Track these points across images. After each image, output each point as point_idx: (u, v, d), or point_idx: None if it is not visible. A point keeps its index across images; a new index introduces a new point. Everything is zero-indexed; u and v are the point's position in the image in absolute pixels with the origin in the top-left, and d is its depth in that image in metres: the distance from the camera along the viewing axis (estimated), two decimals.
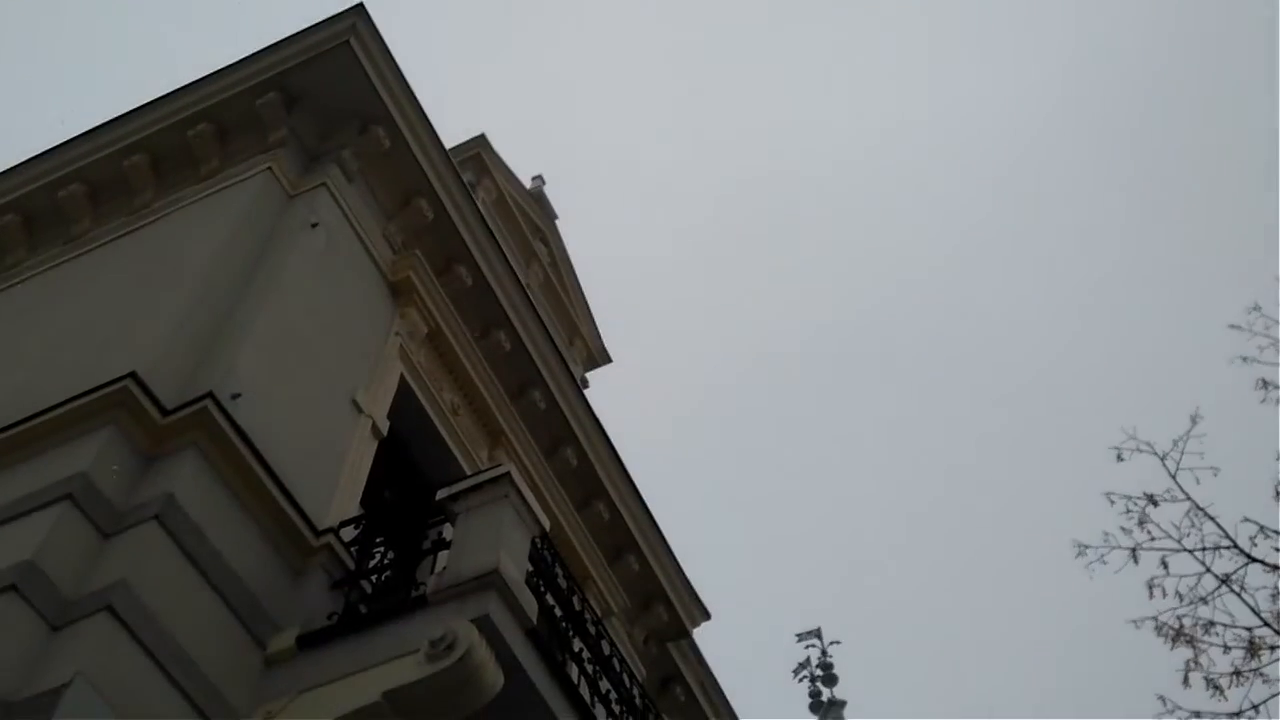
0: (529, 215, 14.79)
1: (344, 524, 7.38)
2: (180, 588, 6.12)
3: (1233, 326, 9.58)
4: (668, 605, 12.14)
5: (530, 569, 6.98)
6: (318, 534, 7.08)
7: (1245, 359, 9.47)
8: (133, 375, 6.59)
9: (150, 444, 6.58)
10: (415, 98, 9.80)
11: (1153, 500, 9.12)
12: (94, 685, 5.38)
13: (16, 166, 9.98)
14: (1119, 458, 9.42)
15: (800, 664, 32.02)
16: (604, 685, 7.65)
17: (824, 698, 31.16)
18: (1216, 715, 8.62)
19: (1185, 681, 8.74)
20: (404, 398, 9.15)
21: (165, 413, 6.63)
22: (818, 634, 32.27)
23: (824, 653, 31.96)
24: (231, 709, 6.10)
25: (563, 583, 7.65)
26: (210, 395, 6.71)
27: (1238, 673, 8.61)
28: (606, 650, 7.91)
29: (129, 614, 5.71)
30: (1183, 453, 9.08)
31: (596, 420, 11.56)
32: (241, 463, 6.75)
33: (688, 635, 12.56)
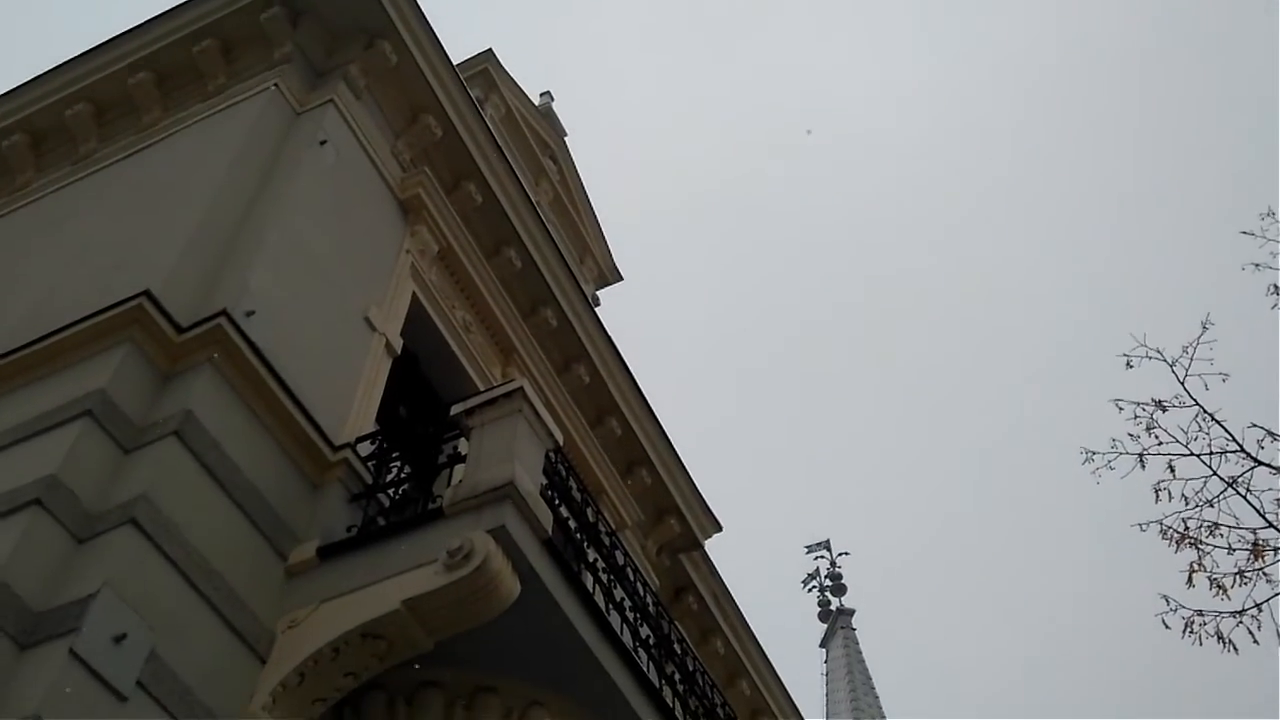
0: (538, 132, 14.68)
1: (360, 439, 7.46)
2: (201, 501, 6.22)
3: (1245, 233, 9.59)
4: (680, 518, 12.29)
5: (544, 482, 7.07)
6: (335, 449, 7.17)
7: (1257, 265, 9.50)
8: (147, 293, 6.63)
9: (166, 361, 6.65)
10: (421, 12, 9.69)
11: (1161, 406, 9.19)
12: (121, 595, 5.50)
13: (21, 86, 9.93)
14: (1128, 365, 9.47)
15: (809, 574, 32.69)
16: (618, 594, 7.80)
17: (832, 607, 31.80)
18: (1219, 613, 8.78)
19: (1189, 582, 8.88)
20: (416, 316, 9.19)
21: (180, 330, 6.68)
22: (826, 545, 32.89)
23: (832, 563, 32.60)
24: (255, 617, 6.24)
25: (577, 495, 7.76)
26: (224, 313, 6.75)
27: (1241, 573, 8.75)
28: (621, 560, 8.04)
29: (152, 527, 5.81)
30: (1192, 359, 9.12)
31: (608, 337, 11.61)
32: (257, 379, 6.81)
33: (700, 547, 12.73)
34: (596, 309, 12.73)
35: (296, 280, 7.80)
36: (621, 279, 15.77)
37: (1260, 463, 8.85)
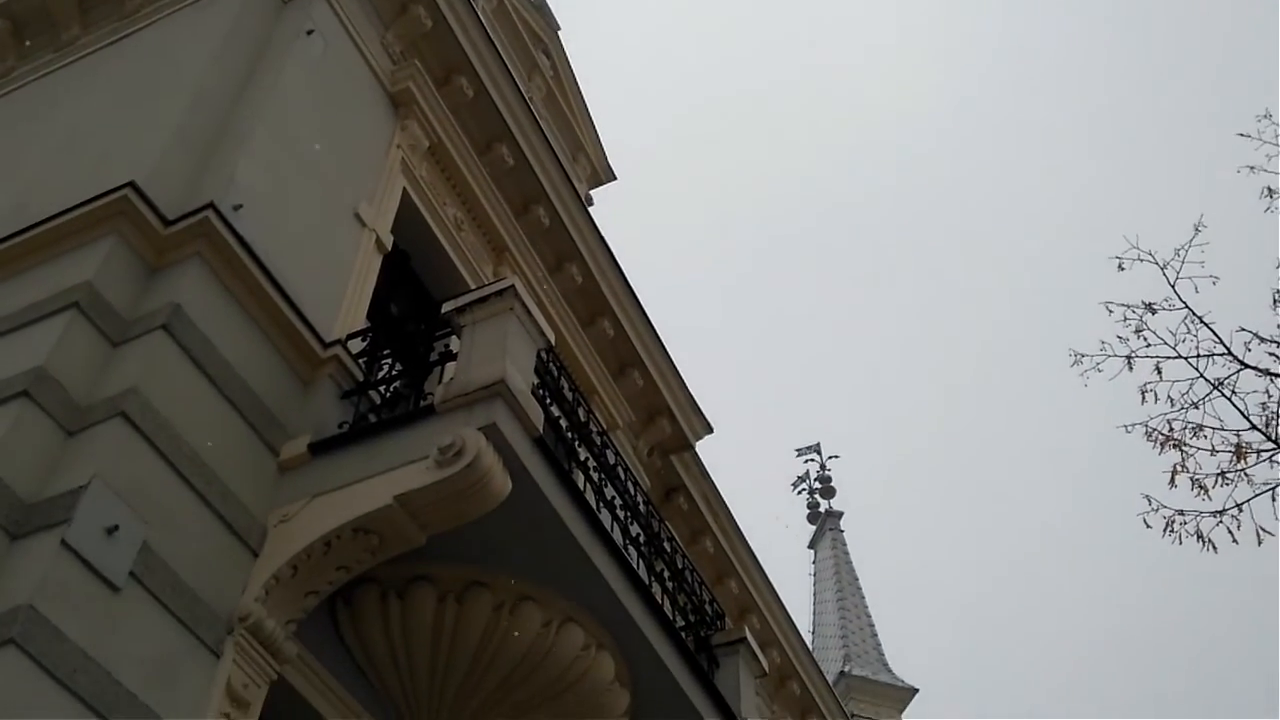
0: (530, 25, 14.37)
1: (351, 336, 7.42)
2: (191, 395, 6.19)
3: (1241, 135, 9.53)
4: (671, 419, 12.34)
5: (536, 381, 7.06)
6: (325, 345, 7.14)
7: (1252, 168, 9.46)
8: (132, 185, 6.51)
9: (153, 255, 6.56)
10: None
11: (1150, 308, 9.23)
12: (111, 487, 5.50)
13: None
14: (1120, 267, 9.49)
15: (799, 477, 33.05)
16: (609, 492, 7.86)
17: (821, 509, 32.19)
18: (1200, 513, 8.93)
19: (1172, 483, 9.02)
20: (407, 212, 9.08)
21: (167, 223, 6.58)
22: (817, 449, 33.19)
23: (822, 466, 32.93)
24: (247, 511, 6.26)
25: (568, 394, 7.76)
26: (211, 206, 6.65)
27: (1223, 474, 8.88)
28: (612, 460, 8.08)
29: (142, 420, 5.79)
30: (1183, 262, 9.14)
31: (601, 237, 11.51)
32: (246, 274, 6.74)
33: (690, 448, 12.81)
34: (589, 208, 12.61)
35: (284, 174, 7.67)
36: (615, 178, 15.59)
37: (1246, 365, 8.93)
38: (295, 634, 6.25)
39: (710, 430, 12.82)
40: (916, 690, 26.80)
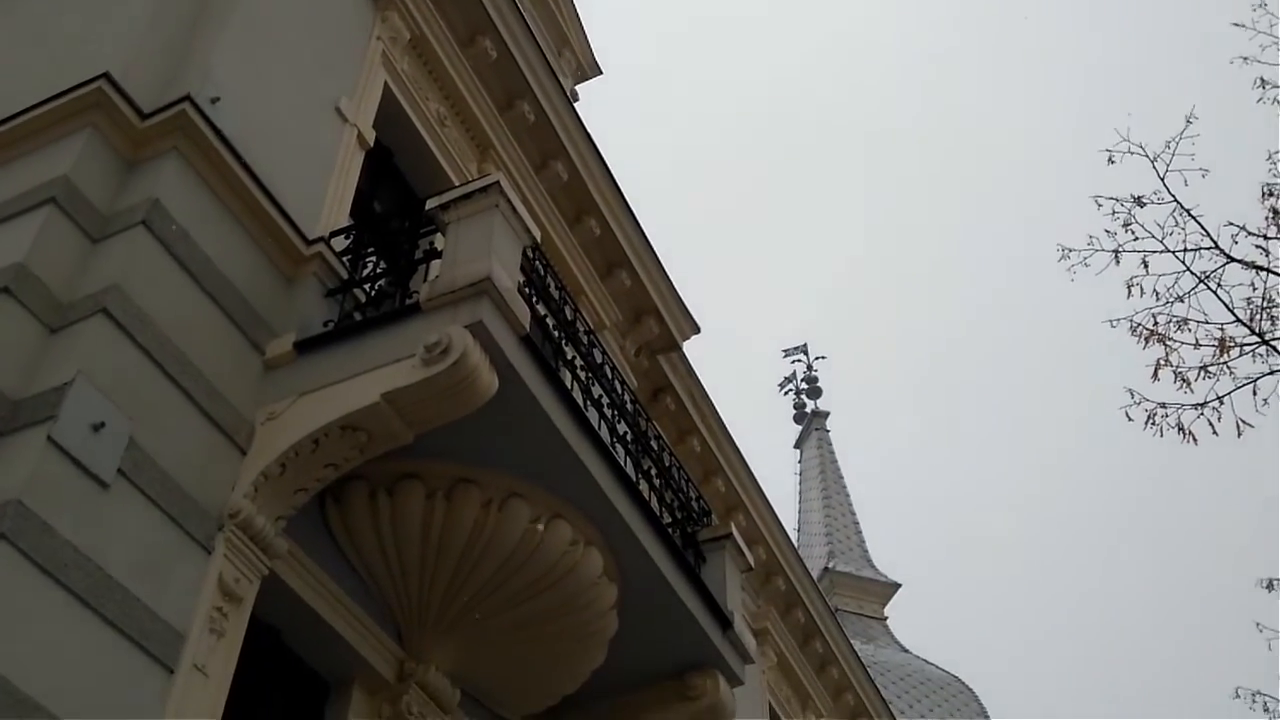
0: None
1: (335, 234, 7.34)
2: (173, 292, 6.12)
3: (1236, 25, 9.43)
4: (658, 319, 12.32)
5: (522, 279, 7.02)
6: (308, 243, 7.05)
7: (1246, 59, 9.38)
8: (106, 76, 6.35)
9: (130, 148, 6.42)
10: None
11: (1139, 202, 9.23)
12: (96, 384, 5.47)
13: None
14: (1110, 160, 9.46)
15: (786, 378, 33.20)
16: (596, 391, 7.87)
17: (808, 409, 32.42)
18: (1182, 406, 9.05)
19: (1155, 376, 9.13)
20: (389, 107, 8.91)
21: (143, 116, 6.44)
22: (804, 349, 33.31)
23: (809, 367, 33.09)
24: (234, 409, 6.25)
25: (555, 293, 7.73)
26: (188, 99, 6.50)
27: (1205, 368, 8.97)
28: (599, 359, 8.08)
29: (124, 316, 5.73)
30: (1174, 154, 9.11)
31: (587, 133, 11.34)
32: (226, 168, 6.63)
33: (678, 348, 12.81)
34: (575, 104, 12.42)
35: (263, 67, 7.49)
36: (601, 73, 15.32)
37: (1232, 259, 8.97)
38: (285, 530, 6.29)
39: (697, 330, 12.81)
40: (899, 585, 27.32)
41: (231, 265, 6.54)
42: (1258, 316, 8.95)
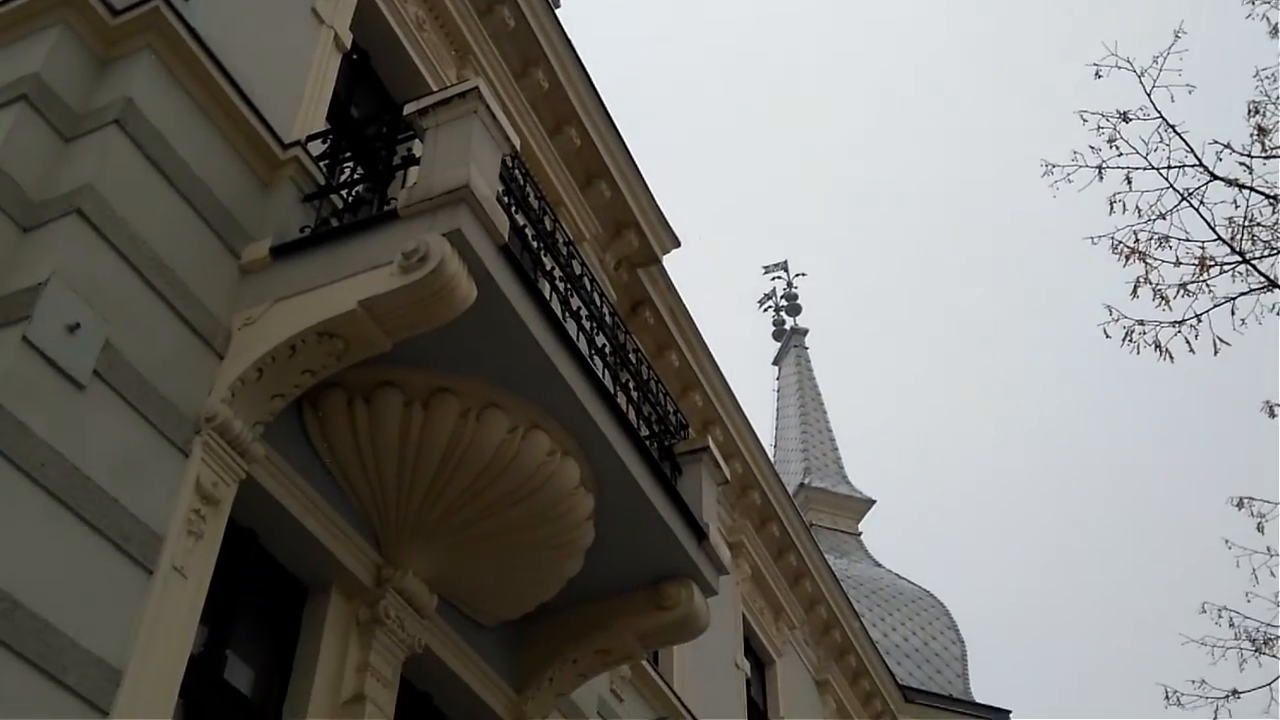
0: None
1: (311, 138, 7.24)
2: (148, 194, 6.05)
3: None
4: (638, 232, 12.27)
5: (501, 188, 6.96)
6: (284, 147, 6.97)
7: None
8: None
9: (102, 46, 6.29)
10: None
11: (1125, 117, 9.19)
12: (70, 285, 5.42)
13: None
14: (1097, 75, 9.39)
15: (766, 294, 33.21)
16: (575, 303, 7.85)
17: (787, 326, 32.51)
18: (1160, 324, 9.12)
19: (1134, 294, 9.19)
20: (366, 10, 8.75)
21: (115, 13, 6.30)
22: (784, 266, 33.26)
23: (789, 284, 33.08)
24: (210, 314, 6.22)
25: (534, 203, 7.67)
26: None
27: (1184, 285, 9.03)
28: (578, 270, 8.05)
29: (98, 217, 5.67)
30: (1161, 69, 9.06)
31: (568, 41, 11.18)
32: (200, 69, 6.51)
33: (658, 262, 12.78)
34: (556, 9, 12.19)
35: None
36: None
37: (1216, 177, 8.98)
38: (263, 436, 6.30)
39: (678, 244, 12.78)
40: (873, 502, 27.66)
41: (207, 168, 6.45)
42: (1239, 235, 8.98)
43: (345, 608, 7.04)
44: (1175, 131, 9.04)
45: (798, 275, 33.55)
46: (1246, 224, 9.01)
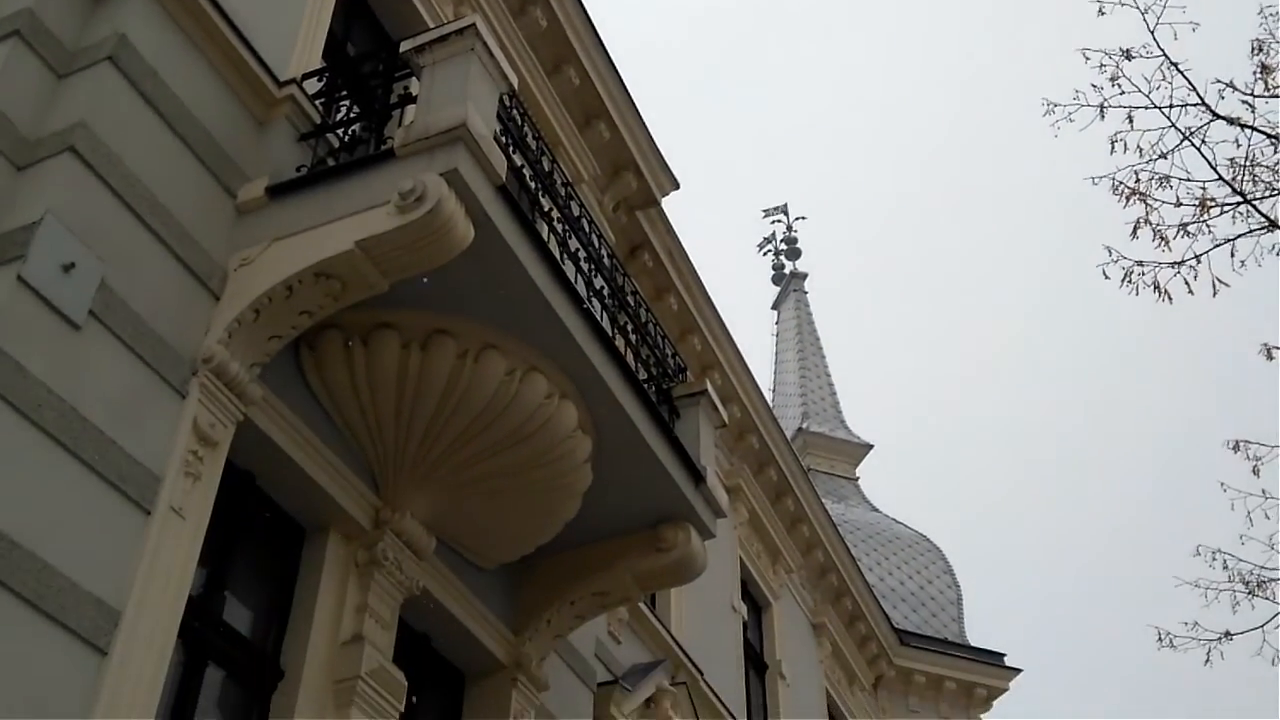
0: None
1: (307, 76, 7.15)
2: (143, 132, 5.97)
3: None
4: (637, 173, 12.17)
5: (499, 127, 6.88)
6: (280, 85, 6.88)
7: None
8: None
9: None
10: None
11: (1127, 55, 9.08)
12: (65, 224, 5.37)
13: None
14: (1100, 11, 9.27)
15: (765, 238, 33.00)
16: (573, 244, 7.80)
17: (786, 270, 32.37)
18: (1159, 264, 9.09)
19: (1134, 234, 9.14)
20: None
21: None
22: (784, 209, 33.03)
23: (789, 228, 32.87)
24: (206, 254, 6.17)
25: (532, 143, 7.59)
26: None
27: (1184, 226, 8.99)
28: (576, 211, 7.99)
29: (93, 155, 5.60)
30: (1165, 6, 8.93)
31: None
32: (194, 5, 6.39)
33: (656, 204, 12.70)
34: None
35: None
36: None
37: (1218, 116, 8.90)
38: (261, 378, 6.28)
39: (676, 186, 12.67)
40: (871, 446, 27.70)
41: (201, 106, 6.37)
42: (1240, 176, 8.92)
43: (343, 549, 7.06)
44: (1178, 69, 8.95)
45: (798, 219, 33.34)
46: (1248, 164, 8.95)
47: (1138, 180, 9.03)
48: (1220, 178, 8.91)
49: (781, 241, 32.80)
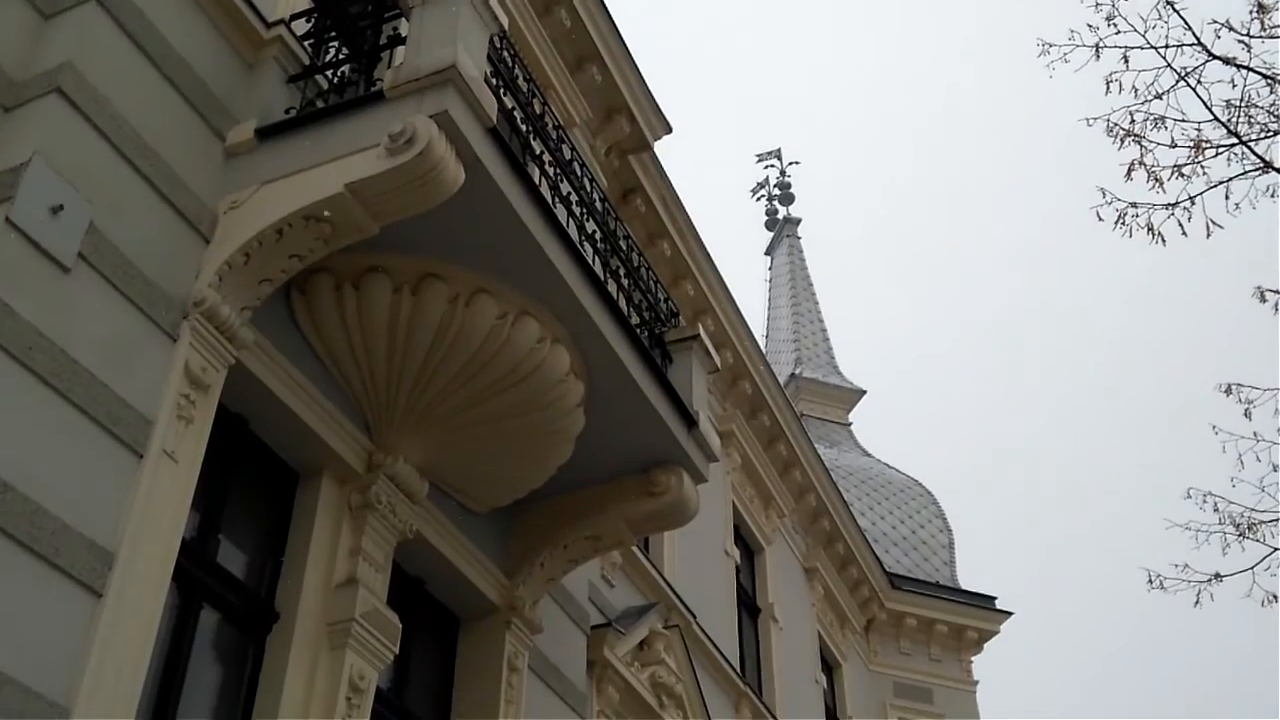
0: None
1: (295, 16, 7.06)
2: (130, 73, 5.90)
3: None
4: (629, 117, 12.09)
5: (489, 69, 6.82)
6: (268, 25, 6.80)
7: None
8: None
9: None
10: None
11: None
12: (53, 166, 5.32)
13: None
14: None
15: (759, 184, 32.84)
16: (565, 188, 7.76)
17: (780, 216, 32.26)
18: (1154, 206, 9.08)
19: (1128, 176, 9.11)
20: None
21: None
22: (777, 154, 32.87)
23: (782, 173, 32.71)
24: (195, 196, 6.12)
25: (523, 85, 7.53)
26: None
27: (1179, 168, 8.95)
28: (568, 155, 7.94)
29: (80, 96, 5.53)
30: None
31: None
32: None
33: (649, 148, 12.63)
34: None
35: None
36: None
37: (1214, 56, 8.84)
38: (251, 322, 6.26)
39: (669, 129, 12.60)
40: (864, 392, 27.78)
41: (189, 47, 6.30)
42: (1235, 118, 8.87)
43: (337, 493, 7.09)
44: (1174, 9, 8.88)
45: (791, 164, 33.17)
46: (1243, 105, 8.90)
47: (1132, 121, 9.00)
48: (1215, 119, 8.87)
49: (775, 186, 32.66)
